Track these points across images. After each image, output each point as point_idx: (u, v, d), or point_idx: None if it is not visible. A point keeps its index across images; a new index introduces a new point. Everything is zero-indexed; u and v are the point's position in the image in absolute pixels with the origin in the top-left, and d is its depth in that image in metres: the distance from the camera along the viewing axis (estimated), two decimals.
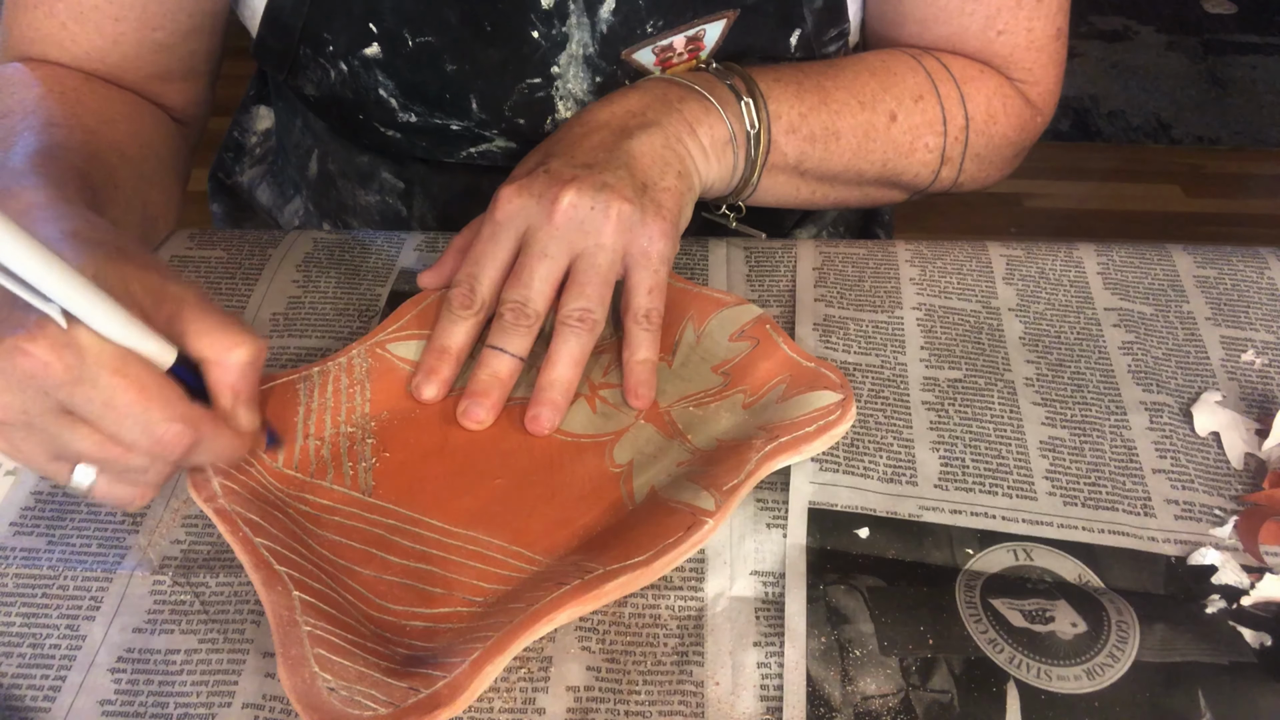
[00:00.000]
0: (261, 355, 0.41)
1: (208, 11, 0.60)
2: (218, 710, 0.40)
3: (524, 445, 0.49)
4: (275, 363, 0.54)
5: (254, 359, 0.41)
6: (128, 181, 0.54)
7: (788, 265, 0.60)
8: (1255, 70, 2.31)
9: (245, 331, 0.41)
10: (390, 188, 0.71)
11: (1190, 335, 0.57)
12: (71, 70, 0.57)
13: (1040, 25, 0.61)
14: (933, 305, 0.58)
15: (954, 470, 0.49)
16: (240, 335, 0.40)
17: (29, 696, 0.41)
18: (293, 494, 0.46)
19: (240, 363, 0.41)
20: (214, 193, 0.82)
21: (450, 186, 0.70)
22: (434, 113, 0.62)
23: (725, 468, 0.46)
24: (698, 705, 0.41)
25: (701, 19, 0.58)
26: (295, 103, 0.73)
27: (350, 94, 0.61)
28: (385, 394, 0.51)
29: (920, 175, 0.62)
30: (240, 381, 0.41)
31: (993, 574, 0.45)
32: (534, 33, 0.58)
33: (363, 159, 0.71)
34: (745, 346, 0.52)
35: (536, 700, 0.41)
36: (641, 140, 0.52)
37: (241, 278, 0.59)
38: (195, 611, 0.43)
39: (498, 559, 0.45)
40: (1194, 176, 2.05)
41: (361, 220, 0.74)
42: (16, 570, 0.45)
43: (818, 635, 0.42)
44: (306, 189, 0.77)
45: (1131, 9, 2.50)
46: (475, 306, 0.50)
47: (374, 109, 0.62)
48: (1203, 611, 0.44)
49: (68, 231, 0.41)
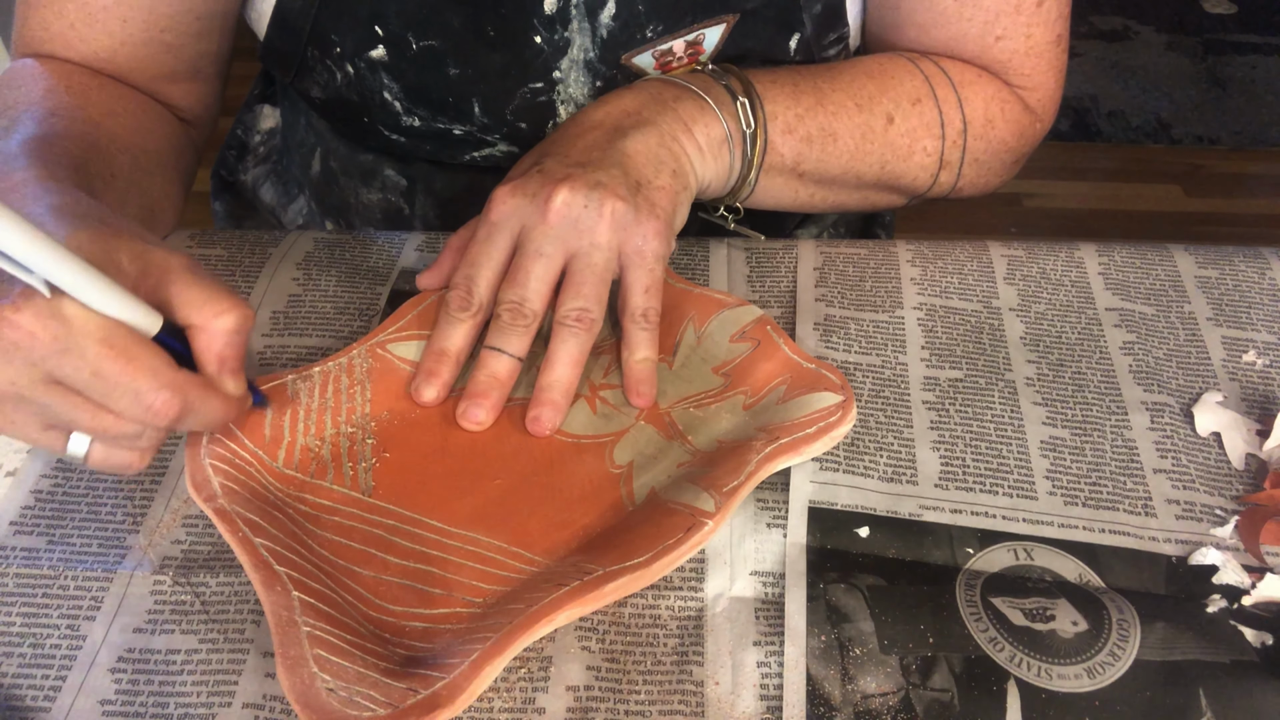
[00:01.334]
0: (248, 321, 0.41)
1: (216, 13, 0.60)
2: (218, 710, 0.40)
3: (524, 446, 0.49)
4: (275, 362, 0.54)
5: (239, 325, 0.41)
6: (126, 173, 0.54)
7: (788, 266, 0.60)
8: (1255, 70, 2.31)
9: (231, 298, 0.41)
10: (393, 185, 0.71)
11: (1191, 335, 0.57)
12: (80, 67, 0.57)
13: (1039, 32, 0.60)
14: (934, 305, 0.58)
15: (954, 470, 0.49)
16: (226, 301, 0.40)
17: (29, 696, 0.41)
18: (293, 494, 0.46)
19: (226, 329, 0.41)
20: (216, 191, 0.83)
21: (453, 184, 0.70)
22: (437, 117, 0.62)
23: (725, 469, 0.46)
24: (698, 705, 0.41)
25: (701, 23, 0.58)
26: (299, 102, 0.73)
27: (356, 97, 0.62)
28: (386, 394, 0.51)
29: (919, 179, 0.62)
30: (226, 348, 0.41)
31: (993, 573, 0.45)
32: (536, 38, 0.58)
33: (366, 157, 0.71)
34: (746, 348, 0.52)
35: (536, 700, 0.41)
36: (636, 139, 0.52)
37: (242, 276, 0.59)
38: (195, 611, 0.43)
39: (497, 560, 0.44)
40: (1194, 176, 2.04)
41: (363, 218, 0.74)
42: (17, 570, 0.45)
43: (818, 634, 0.42)
44: (309, 187, 0.77)
45: (1131, 9, 2.50)
46: (473, 308, 0.50)
47: (379, 112, 0.62)
48: (1204, 611, 0.44)
49: (53, 206, 0.41)
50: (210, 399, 0.41)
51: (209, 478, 0.44)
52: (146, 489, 0.48)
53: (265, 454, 0.47)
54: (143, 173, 0.57)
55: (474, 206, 0.55)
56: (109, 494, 0.48)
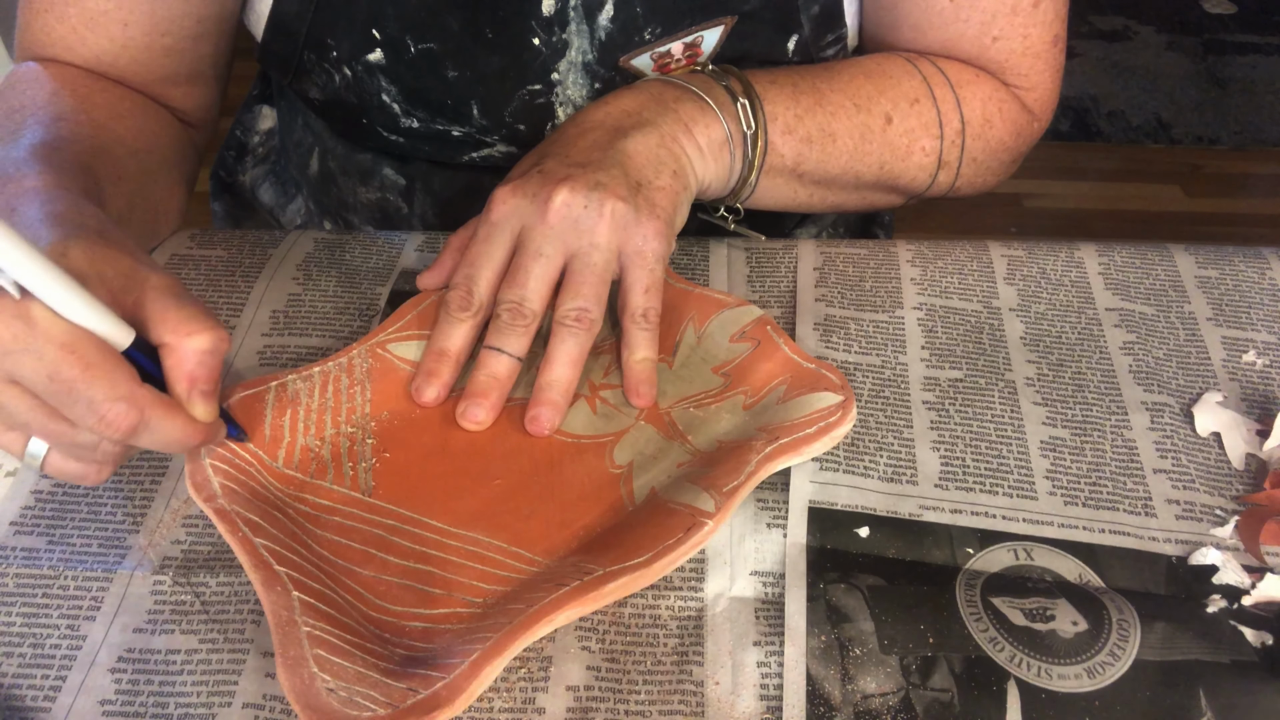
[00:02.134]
0: (222, 345, 0.41)
1: (215, 17, 0.60)
2: (218, 710, 0.40)
3: (524, 446, 0.49)
4: (275, 362, 0.54)
5: (213, 348, 0.40)
6: (132, 175, 0.55)
7: (788, 266, 0.60)
8: (1255, 70, 2.31)
9: (208, 319, 0.40)
10: (391, 185, 0.71)
11: (1191, 336, 0.57)
12: (83, 70, 0.57)
13: (1036, 32, 0.60)
14: (934, 305, 0.58)
15: (954, 470, 0.49)
16: (201, 323, 0.40)
17: (29, 696, 0.41)
18: (293, 494, 0.46)
19: (198, 349, 0.40)
20: (215, 192, 0.83)
21: (452, 183, 0.70)
22: (436, 119, 0.62)
23: (725, 469, 0.46)
24: (698, 705, 0.41)
25: (699, 25, 0.58)
26: (297, 102, 0.73)
27: (354, 99, 0.62)
28: (385, 394, 0.51)
29: (917, 179, 0.62)
30: (197, 368, 0.40)
31: (993, 573, 0.45)
32: (534, 40, 0.58)
33: (364, 156, 0.71)
34: (746, 348, 0.52)
35: (536, 700, 0.41)
36: (636, 140, 0.52)
37: (242, 276, 0.59)
38: (195, 611, 0.43)
39: (497, 560, 0.44)
40: (1194, 176, 2.05)
41: (362, 218, 0.74)
42: (17, 570, 0.45)
43: (818, 634, 0.42)
44: (307, 187, 0.77)
45: (1131, 9, 2.50)
46: (473, 308, 0.50)
47: (377, 114, 0.62)
48: (1204, 611, 0.44)
49: (51, 213, 0.41)
50: (171, 418, 0.40)
51: (209, 478, 0.44)
52: (147, 489, 0.48)
53: (265, 454, 0.47)
54: (148, 175, 0.57)
55: (473, 206, 0.55)
56: (109, 494, 0.48)
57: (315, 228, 0.78)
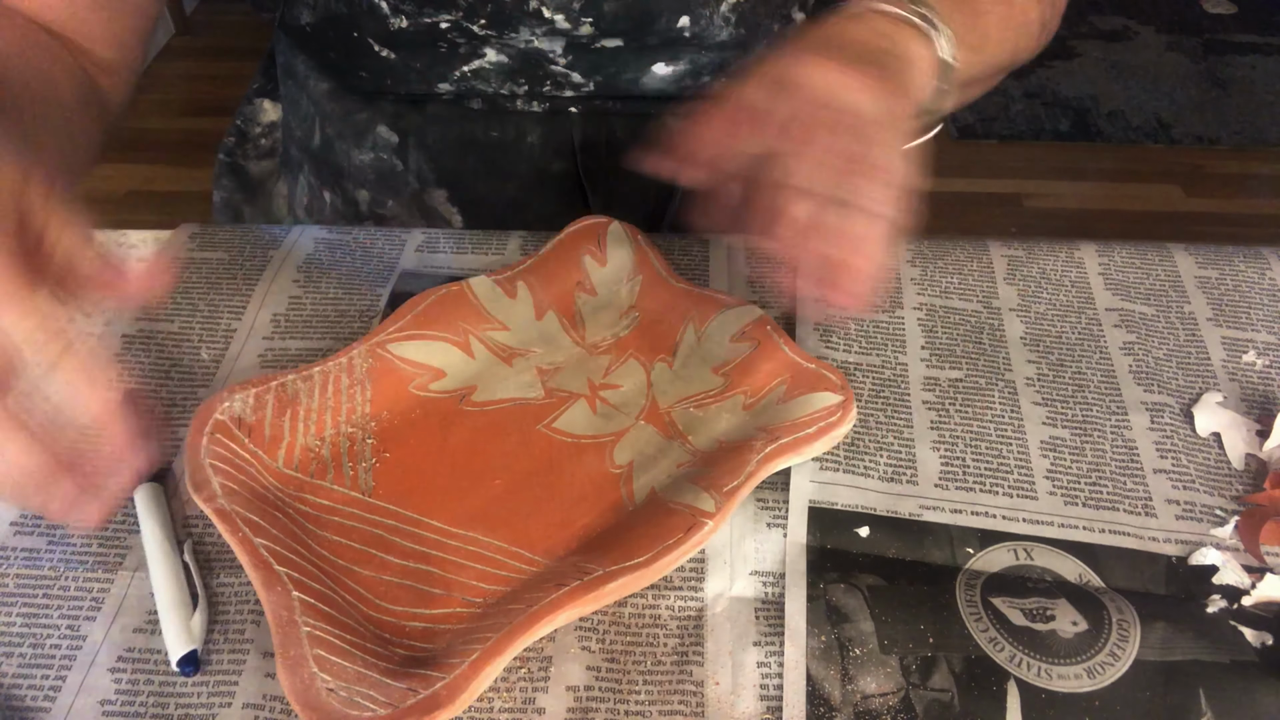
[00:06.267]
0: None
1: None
2: (218, 710, 0.40)
3: (524, 446, 0.49)
4: (276, 363, 0.54)
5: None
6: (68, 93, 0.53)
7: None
8: (1255, 70, 2.31)
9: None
10: (384, 143, 0.71)
11: (1191, 336, 0.57)
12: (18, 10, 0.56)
13: None
14: (934, 305, 0.58)
15: (954, 470, 0.49)
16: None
17: (29, 696, 0.41)
18: (293, 494, 0.46)
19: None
20: (216, 177, 0.83)
21: (444, 137, 0.70)
22: (424, 9, 0.62)
23: (725, 469, 0.46)
24: (698, 705, 0.41)
25: None
26: (298, 71, 0.73)
27: (344, 8, 0.62)
28: (386, 394, 0.51)
29: (1030, 50, 0.60)
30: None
31: (993, 573, 0.45)
32: None
33: (360, 116, 0.71)
34: (746, 347, 0.52)
35: (536, 700, 0.41)
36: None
37: (243, 278, 0.59)
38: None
39: (497, 560, 0.44)
40: (1194, 176, 2.05)
41: (357, 182, 0.75)
42: (17, 571, 0.45)
43: (818, 634, 0.42)
44: (309, 163, 0.78)
45: (1131, 9, 2.50)
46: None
47: (367, 20, 0.63)
48: (1203, 611, 0.44)
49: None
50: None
51: (209, 478, 0.44)
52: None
53: (265, 454, 0.47)
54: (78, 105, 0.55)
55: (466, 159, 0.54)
56: None
57: (316, 203, 0.78)
